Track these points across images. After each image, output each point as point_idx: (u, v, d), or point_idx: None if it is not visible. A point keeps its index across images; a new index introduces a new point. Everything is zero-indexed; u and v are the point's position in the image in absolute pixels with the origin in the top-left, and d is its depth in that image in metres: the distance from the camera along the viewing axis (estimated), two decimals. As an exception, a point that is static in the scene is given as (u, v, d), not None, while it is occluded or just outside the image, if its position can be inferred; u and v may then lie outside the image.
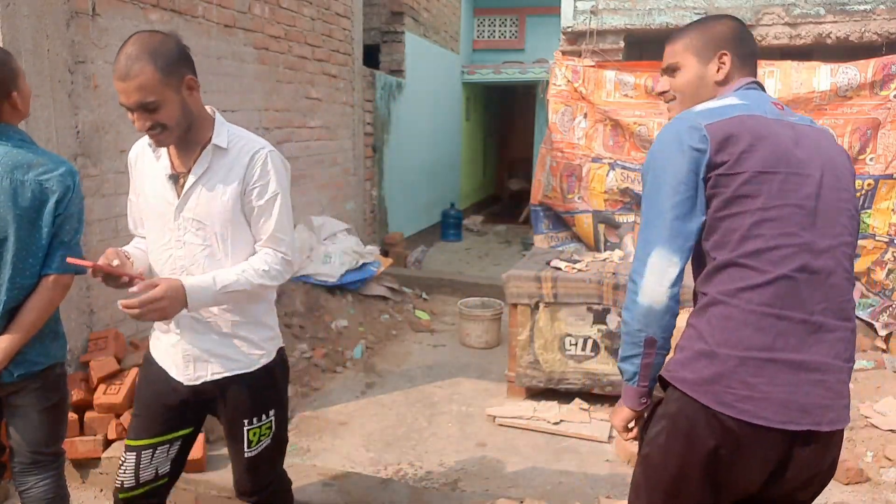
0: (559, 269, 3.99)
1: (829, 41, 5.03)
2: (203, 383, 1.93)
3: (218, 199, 1.83)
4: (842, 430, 1.51)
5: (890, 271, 4.43)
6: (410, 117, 8.20)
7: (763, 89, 1.68)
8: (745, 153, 1.46)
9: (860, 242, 4.55)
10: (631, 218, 5.11)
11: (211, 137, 1.85)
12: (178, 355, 1.93)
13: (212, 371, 1.93)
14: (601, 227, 5.18)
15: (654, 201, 1.52)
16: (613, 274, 3.85)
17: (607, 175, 5.06)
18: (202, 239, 1.85)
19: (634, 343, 1.53)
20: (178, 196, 1.85)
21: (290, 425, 3.66)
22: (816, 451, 1.46)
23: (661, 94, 1.75)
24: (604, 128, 5.05)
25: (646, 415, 1.64)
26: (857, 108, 4.41)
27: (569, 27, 5.55)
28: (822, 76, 4.43)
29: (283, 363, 2.08)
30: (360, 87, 6.55)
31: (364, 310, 5.37)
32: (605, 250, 5.02)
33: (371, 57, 7.51)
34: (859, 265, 4.60)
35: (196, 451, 2.94)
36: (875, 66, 4.34)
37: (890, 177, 4.40)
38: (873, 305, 4.53)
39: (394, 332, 5.29)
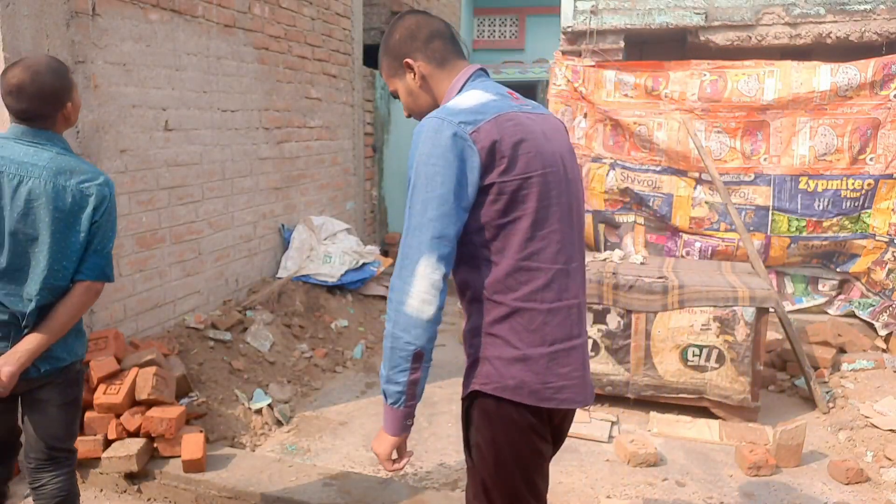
0: (559, 269, 3.99)
1: (829, 41, 5.03)
2: None
3: None
4: None
5: (890, 271, 4.43)
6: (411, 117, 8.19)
7: (488, 75, 1.69)
8: (513, 158, 1.48)
9: (860, 242, 4.55)
10: (631, 218, 5.11)
11: None
12: None
13: None
14: (601, 227, 5.19)
15: (421, 209, 1.46)
16: (613, 274, 3.85)
17: (607, 175, 5.06)
18: None
19: (402, 358, 1.50)
20: None
21: (290, 425, 3.68)
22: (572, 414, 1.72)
23: (409, 116, 1.75)
24: (604, 128, 5.06)
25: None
26: (857, 107, 4.42)
27: (569, 27, 5.55)
28: (822, 76, 4.43)
29: None
30: (360, 87, 6.55)
31: (364, 310, 5.37)
32: (605, 250, 5.02)
33: (371, 57, 7.50)
34: (859, 265, 4.60)
35: (196, 452, 2.95)
36: (875, 65, 4.35)
37: (890, 177, 4.40)
38: (873, 305, 4.53)
39: (394, 332, 5.29)
